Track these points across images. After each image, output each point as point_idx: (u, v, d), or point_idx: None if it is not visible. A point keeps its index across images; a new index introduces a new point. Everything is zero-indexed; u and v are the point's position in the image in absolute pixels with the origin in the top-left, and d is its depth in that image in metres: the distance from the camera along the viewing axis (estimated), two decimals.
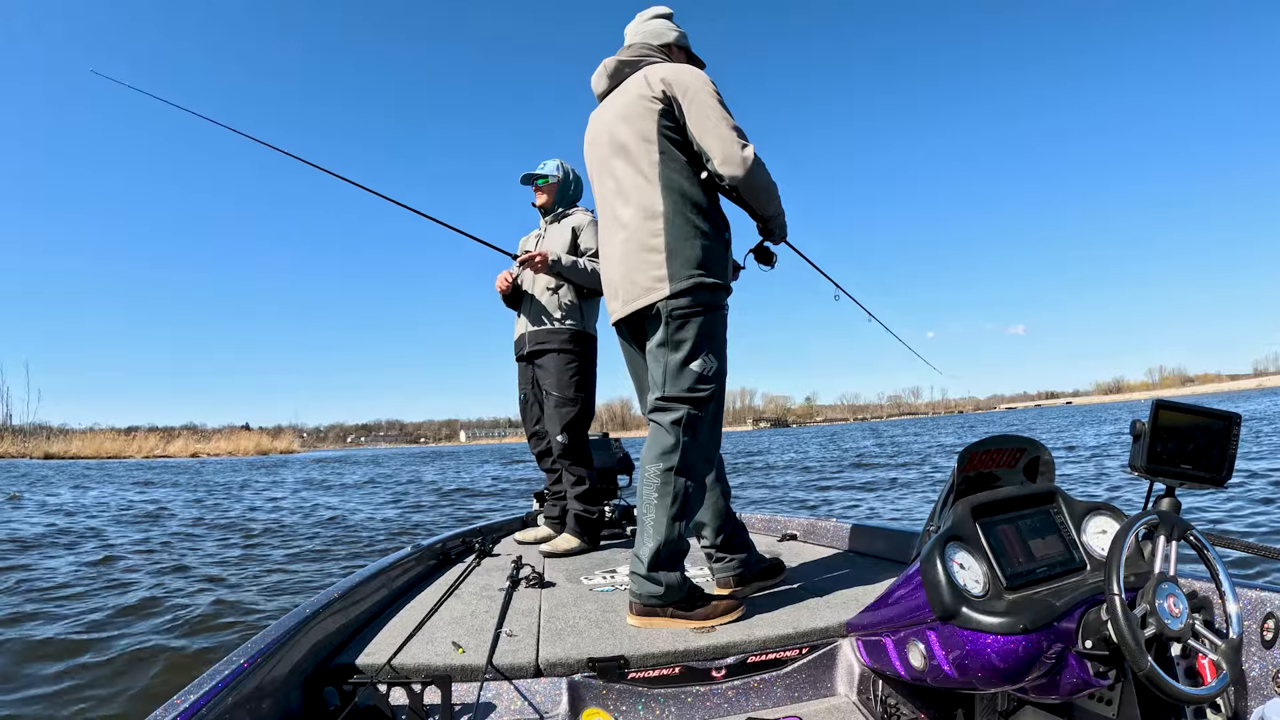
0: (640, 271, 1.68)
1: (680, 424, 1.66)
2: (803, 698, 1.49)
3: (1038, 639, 1.09)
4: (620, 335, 1.90)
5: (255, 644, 1.23)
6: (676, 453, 1.66)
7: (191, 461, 46.26)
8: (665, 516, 1.65)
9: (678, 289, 1.64)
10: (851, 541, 2.48)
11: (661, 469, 1.66)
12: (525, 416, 3.13)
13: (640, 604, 1.66)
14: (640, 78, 1.73)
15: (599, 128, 1.84)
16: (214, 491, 14.63)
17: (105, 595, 4.52)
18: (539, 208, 3.06)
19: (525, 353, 2.98)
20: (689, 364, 1.66)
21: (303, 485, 16.97)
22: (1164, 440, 1.24)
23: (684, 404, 1.67)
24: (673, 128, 1.69)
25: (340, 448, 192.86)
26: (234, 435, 76.89)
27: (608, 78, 1.85)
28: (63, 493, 14.13)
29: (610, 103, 1.82)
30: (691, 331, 1.66)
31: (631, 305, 1.72)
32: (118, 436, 58.94)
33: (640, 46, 1.84)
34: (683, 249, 1.66)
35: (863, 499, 9.25)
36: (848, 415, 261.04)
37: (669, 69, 1.71)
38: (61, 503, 11.64)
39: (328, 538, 7.31)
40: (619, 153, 1.75)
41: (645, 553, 1.66)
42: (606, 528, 3.20)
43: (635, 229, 1.70)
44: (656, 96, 1.68)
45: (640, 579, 1.66)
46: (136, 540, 7.11)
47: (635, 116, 1.71)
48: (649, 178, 1.69)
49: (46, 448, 48.14)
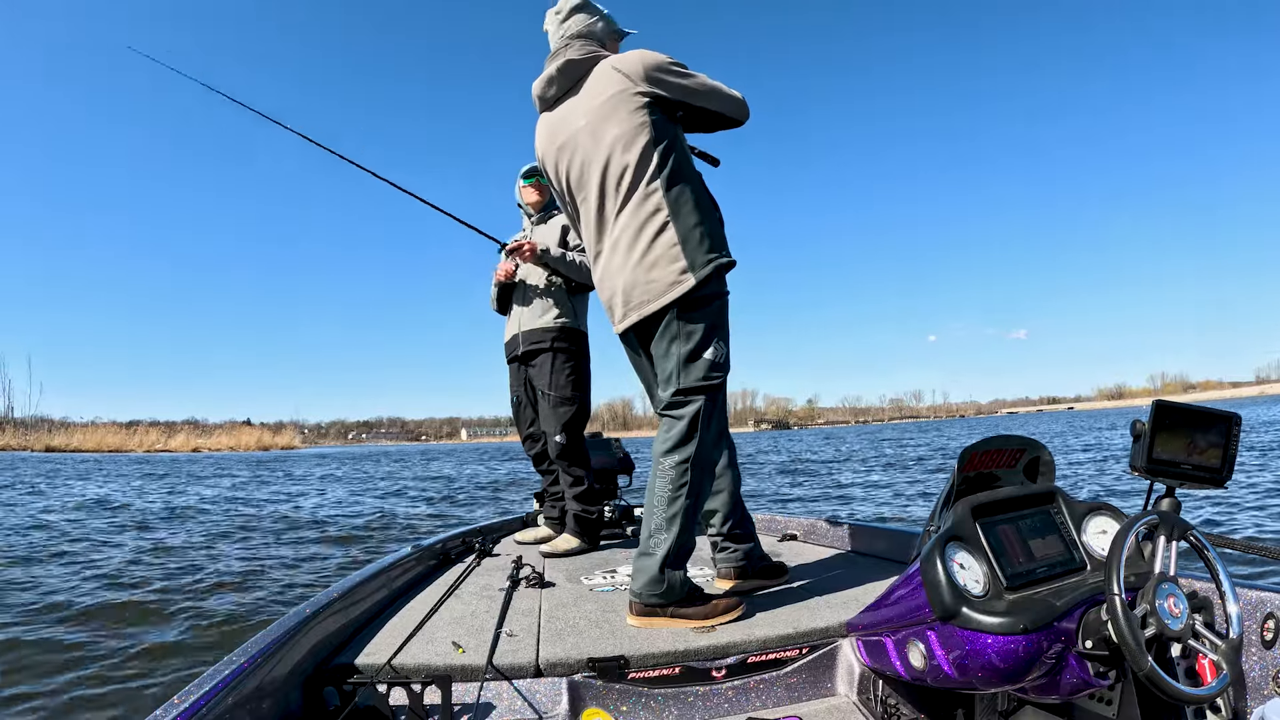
0: (658, 268, 1.64)
1: (697, 416, 1.65)
2: (803, 698, 1.49)
3: (1038, 639, 1.09)
4: (627, 343, 1.86)
5: (255, 644, 1.23)
6: (692, 444, 1.65)
7: (217, 455, 46.20)
8: (681, 511, 1.64)
9: (703, 276, 1.63)
10: (851, 541, 2.48)
11: (677, 461, 1.65)
12: (519, 419, 3.09)
13: (640, 604, 1.65)
14: (609, 73, 1.68)
15: (568, 133, 1.75)
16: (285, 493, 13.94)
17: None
18: (531, 205, 3.02)
19: (519, 353, 2.95)
20: (702, 353, 1.65)
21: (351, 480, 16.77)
22: (1164, 440, 1.24)
23: (699, 395, 1.66)
24: (659, 116, 1.67)
25: (341, 444, 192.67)
26: (235, 430, 76.71)
27: (557, 81, 1.78)
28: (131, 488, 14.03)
29: (577, 105, 1.74)
30: (703, 320, 1.65)
31: (655, 304, 1.66)
32: (119, 430, 58.78)
33: (581, 45, 1.77)
34: (694, 234, 1.65)
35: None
36: (849, 418, 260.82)
37: (636, 57, 1.68)
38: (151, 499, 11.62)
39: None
40: (607, 153, 1.68)
41: (660, 548, 1.64)
42: (606, 528, 3.19)
43: (640, 226, 1.66)
44: (640, 90, 1.65)
45: (645, 577, 1.64)
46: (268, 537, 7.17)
47: (621, 111, 1.66)
48: (647, 170, 1.65)
49: (48, 441, 48.04)
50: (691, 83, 1.70)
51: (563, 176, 1.81)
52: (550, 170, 1.85)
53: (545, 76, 1.80)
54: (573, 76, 1.76)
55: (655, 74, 1.66)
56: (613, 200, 1.71)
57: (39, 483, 15.24)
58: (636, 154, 1.65)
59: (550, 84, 1.79)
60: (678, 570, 1.66)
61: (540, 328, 2.88)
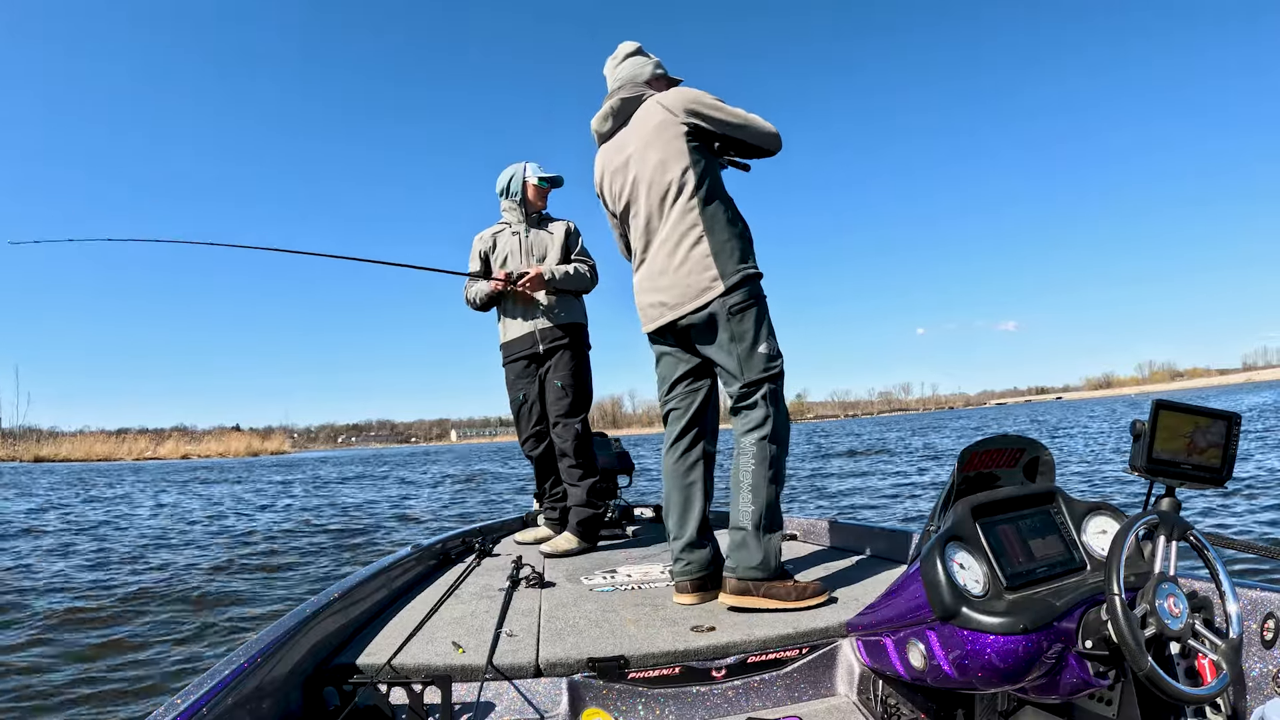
0: (693, 275, 1.85)
1: (766, 398, 1.84)
2: (803, 698, 1.49)
3: (1038, 639, 1.09)
4: (659, 340, 2.04)
5: (255, 644, 1.23)
6: (768, 423, 1.82)
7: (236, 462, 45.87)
8: (764, 480, 1.79)
9: (731, 284, 1.82)
10: (851, 541, 2.48)
11: (756, 439, 1.81)
12: (523, 419, 3.05)
13: (735, 579, 1.75)
14: (655, 107, 1.92)
15: (621, 159, 2.00)
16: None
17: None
18: (530, 209, 3.02)
19: (535, 352, 2.95)
20: (756, 349, 1.84)
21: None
22: (1164, 440, 1.24)
23: (765, 382, 1.84)
24: (698, 145, 1.89)
25: (331, 448, 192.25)
26: (224, 436, 76.65)
27: (614, 117, 2.04)
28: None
29: (628, 136, 1.99)
30: (750, 321, 1.84)
31: (686, 307, 1.87)
32: (108, 439, 58.70)
33: (631, 86, 2.02)
34: (725, 248, 1.85)
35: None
36: (838, 412, 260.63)
37: (678, 94, 1.90)
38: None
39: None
40: (653, 177, 1.90)
41: (749, 519, 1.77)
42: (606, 527, 3.19)
43: (679, 241, 1.87)
44: (681, 120, 1.87)
45: (739, 550, 1.76)
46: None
47: (665, 141, 1.88)
48: (687, 193, 1.86)
49: (36, 451, 47.97)
50: (726, 115, 1.88)
51: (616, 197, 2.05)
52: (606, 192, 2.11)
53: (602, 113, 2.06)
54: (625, 113, 2.01)
55: (693, 107, 1.87)
56: (656, 216, 1.93)
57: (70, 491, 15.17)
58: (677, 176, 1.87)
59: (606, 119, 2.06)
60: (771, 538, 1.77)
61: (559, 325, 2.95)
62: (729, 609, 1.76)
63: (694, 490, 1.96)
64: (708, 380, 2.01)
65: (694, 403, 2.00)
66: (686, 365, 1.99)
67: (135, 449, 56.55)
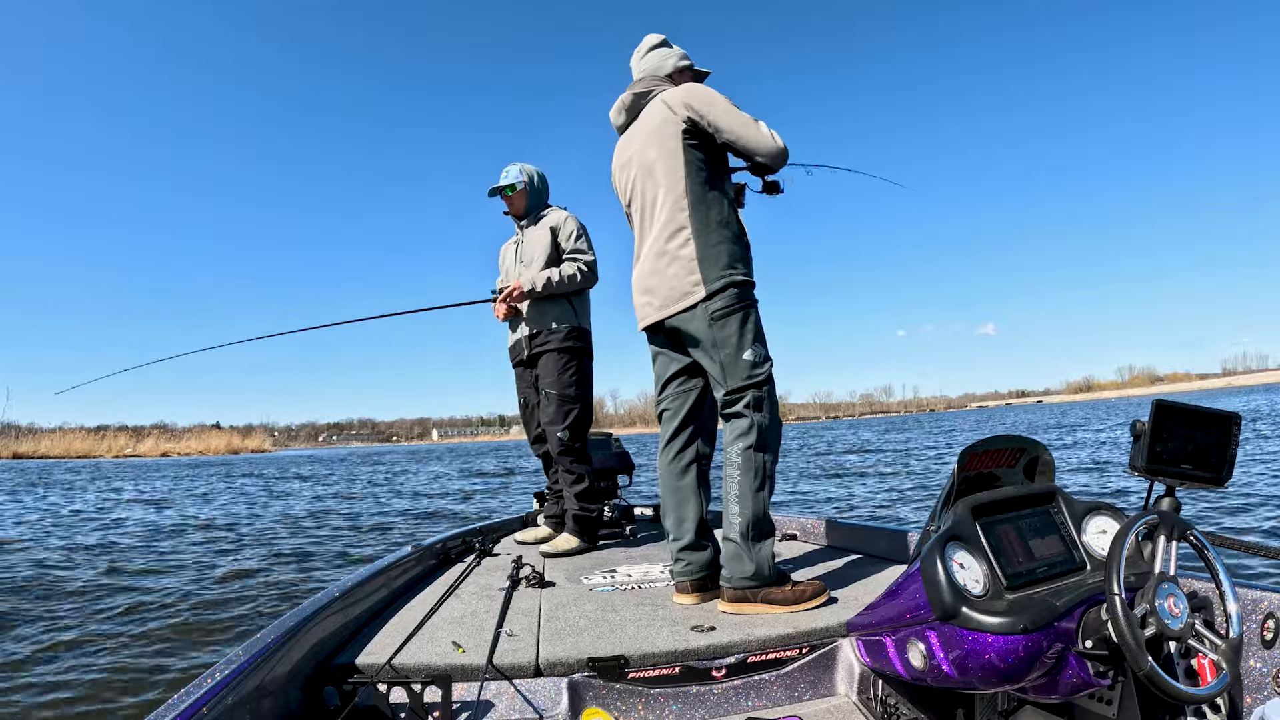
0: (677, 278, 1.84)
1: (750, 406, 1.81)
2: (803, 698, 1.49)
3: (1038, 639, 1.09)
4: (653, 338, 2.04)
5: (255, 644, 1.23)
6: (753, 431, 1.79)
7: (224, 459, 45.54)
8: (749, 490, 1.77)
9: (712, 289, 1.80)
10: (851, 541, 2.48)
11: (740, 449, 1.79)
12: (528, 421, 3.13)
13: (730, 589, 1.75)
14: (659, 104, 1.91)
15: (629, 154, 2.01)
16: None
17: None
18: (512, 215, 3.08)
19: (526, 356, 2.99)
20: (740, 355, 1.81)
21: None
22: (1164, 440, 1.24)
23: (749, 389, 1.81)
24: (696, 144, 1.86)
25: (312, 446, 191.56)
26: (204, 434, 76.32)
27: (626, 111, 2.04)
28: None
29: (635, 131, 1.99)
30: (733, 328, 1.81)
31: (670, 308, 1.86)
32: (87, 436, 58.34)
33: (649, 79, 2.02)
34: (712, 252, 1.82)
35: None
36: (820, 414, 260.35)
37: (682, 91, 1.88)
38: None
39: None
40: (649, 174, 1.91)
41: (736, 529, 1.76)
42: (606, 527, 3.20)
43: (667, 241, 1.85)
44: (680, 118, 1.85)
45: (731, 560, 1.76)
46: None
47: (663, 138, 1.87)
48: (677, 193, 1.85)
49: (15, 447, 47.68)
50: (723, 115, 1.84)
51: (624, 191, 2.06)
52: (616, 185, 2.11)
53: (615, 107, 2.07)
54: (636, 107, 2.02)
55: (693, 106, 1.84)
56: (649, 214, 1.93)
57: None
58: (671, 176, 1.86)
59: (620, 113, 2.07)
60: (761, 547, 1.75)
61: (545, 329, 2.93)
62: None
63: (689, 492, 1.95)
64: (700, 380, 1.98)
65: (686, 403, 1.98)
66: (678, 365, 1.97)
67: (115, 446, 56.19)
